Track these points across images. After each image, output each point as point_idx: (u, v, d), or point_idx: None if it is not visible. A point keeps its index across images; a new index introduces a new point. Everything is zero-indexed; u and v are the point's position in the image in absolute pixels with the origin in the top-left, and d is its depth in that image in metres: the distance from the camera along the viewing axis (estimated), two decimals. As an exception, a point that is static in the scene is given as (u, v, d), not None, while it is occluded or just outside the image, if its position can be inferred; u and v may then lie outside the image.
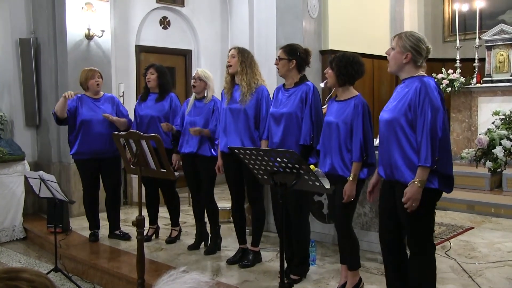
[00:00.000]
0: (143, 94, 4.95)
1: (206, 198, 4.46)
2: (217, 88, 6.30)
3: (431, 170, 2.66)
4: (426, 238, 2.82)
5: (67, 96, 4.59)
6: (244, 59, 3.93)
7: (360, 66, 3.33)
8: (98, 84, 4.81)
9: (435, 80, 7.40)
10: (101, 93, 4.94)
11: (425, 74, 2.84)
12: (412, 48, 2.78)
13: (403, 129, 2.75)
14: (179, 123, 4.60)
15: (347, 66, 3.27)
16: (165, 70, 4.90)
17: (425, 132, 2.64)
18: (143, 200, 4.55)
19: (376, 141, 3.54)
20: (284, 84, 3.76)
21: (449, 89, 7.46)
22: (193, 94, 4.54)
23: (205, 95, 4.49)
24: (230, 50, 4.07)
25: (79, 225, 5.51)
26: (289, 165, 2.66)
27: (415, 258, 2.84)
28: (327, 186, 2.74)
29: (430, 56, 2.91)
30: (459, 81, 7.41)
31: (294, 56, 3.62)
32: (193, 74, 4.55)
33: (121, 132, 3.75)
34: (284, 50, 3.68)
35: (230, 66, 3.97)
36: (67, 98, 4.60)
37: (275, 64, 3.71)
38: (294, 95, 3.62)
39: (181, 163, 4.68)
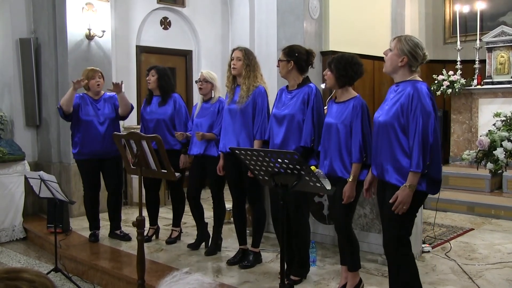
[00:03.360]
0: (147, 97, 4.95)
1: (215, 198, 4.46)
2: (218, 88, 6.31)
3: (425, 175, 2.72)
4: (402, 238, 2.86)
5: (75, 82, 4.59)
6: (249, 63, 3.93)
7: (359, 66, 3.33)
8: (98, 85, 4.81)
9: (436, 82, 7.43)
10: (102, 92, 4.94)
11: (419, 79, 2.88)
12: (409, 52, 2.82)
13: (396, 133, 2.80)
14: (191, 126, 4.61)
15: (346, 67, 3.27)
16: (166, 72, 4.88)
17: (417, 138, 2.69)
18: (144, 200, 4.55)
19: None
20: (287, 86, 3.76)
21: (450, 90, 7.46)
22: (200, 96, 4.53)
23: (212, 96, 4.48)
24: (234, 50, 4.03)
25: (79, 225, 5.51)
26: (290, 166, 2.66)
27: (392, 258, 2.90)
28: (328, 187, 2.74)
29: (431, 58, 2.92)
30: (459, 82, 7.41)
31: (292, 57, 3.62)
32: (198, 77, 4.52)
33: (122, 133, 3.75)
34: (283, 52, 3.68)
35: (235, 68, 3.96)
36: (75, 89, 4.61)
37: (277, 66, 3.71)
38: (296, 97, 3.61)
39: (187, 164, 4.71)
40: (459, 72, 7.54)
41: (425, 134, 2.68)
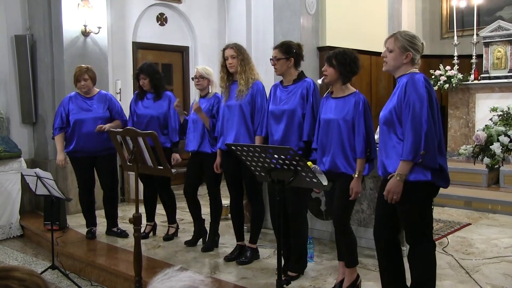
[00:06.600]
0: (139, 92, 4.91)
1: (212, 194, 4.45)
2: (215, 84, 6.29)
3: (421, 164, 2.67)
4: (422, 233, 2.82)
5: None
6: (243, 57, 3.94)
7: (359, 62, 3.33)
8: (83, 86, 4.75)
9: (433, 77, 7.43)
10: (96, 89, 4.90)
11: (417, 71, 2.85)
12: (411, 47, 2.81)
13: (394, 125, 2.78)
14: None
15: (351, 64, 3.26)
16: (154, 70, 4.83)
17: (409, 125, 2.66)
18: (140, 197, 4.53)
19: (376, 137, 3.53)
20: (281, 81, 3.74)
21: (447, 85, 7.46)
22: (198, 92, 4.52)
23: (209, 91, 4.47)
24: (225, 49, 4.02)
25: (76, 222, 5.50)
26: (287, 161, 2.65)
27: (414, 253, 2.85)
28: (325, 182, 2.73)
29: (428, 53, 2.94)
30: (456, 77, 7.41)
31: (291, 54, 3.61)
32: (194, 74, 4.49)
33: (118, 129, 3.74)
34: (280, 50, 3.64)
35: (232, 66, 3.95)
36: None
37: (273, 65, 3.68)
38: (294, 92, 3.60)
39: (179, 161, 4.71)
40: (456, 67, 7.54)
41: (418, 121, 2.63)
